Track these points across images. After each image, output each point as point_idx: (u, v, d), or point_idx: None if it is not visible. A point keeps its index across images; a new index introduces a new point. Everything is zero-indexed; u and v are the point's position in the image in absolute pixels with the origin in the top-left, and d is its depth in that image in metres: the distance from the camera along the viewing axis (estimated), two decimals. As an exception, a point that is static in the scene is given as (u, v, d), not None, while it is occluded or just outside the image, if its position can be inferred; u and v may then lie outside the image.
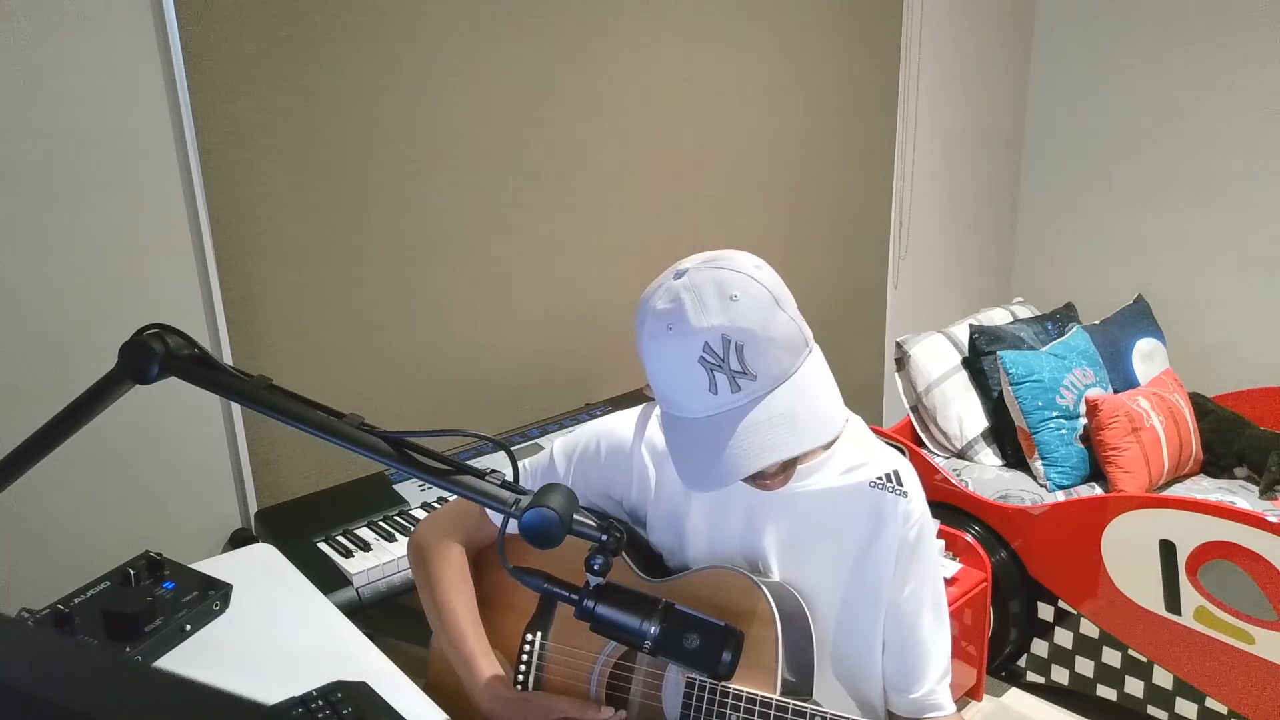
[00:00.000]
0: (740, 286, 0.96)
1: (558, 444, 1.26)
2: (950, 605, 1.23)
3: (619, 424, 1.23)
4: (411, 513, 1.90)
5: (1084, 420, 2.50)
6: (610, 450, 1.22)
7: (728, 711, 1.05)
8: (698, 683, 1.08)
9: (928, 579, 1.16)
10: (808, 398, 0.97)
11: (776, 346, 0.95)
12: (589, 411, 2.32)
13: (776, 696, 1.04)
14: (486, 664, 1.18)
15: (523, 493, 0.91)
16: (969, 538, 2.25)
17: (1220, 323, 3.25)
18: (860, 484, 1.14)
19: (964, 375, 2.69)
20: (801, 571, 1.15)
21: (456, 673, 1.20)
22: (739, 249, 1.02)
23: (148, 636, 1.20)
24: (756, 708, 1.04)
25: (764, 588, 1.08)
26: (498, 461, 2.00)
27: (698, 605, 0.97)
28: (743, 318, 0.94)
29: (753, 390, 0.95)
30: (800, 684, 1.09)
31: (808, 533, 1.14)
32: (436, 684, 1.28)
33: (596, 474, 1.23)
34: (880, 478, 1.14)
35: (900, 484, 1.14)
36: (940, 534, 2.23)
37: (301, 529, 1.84)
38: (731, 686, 1.05)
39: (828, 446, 1.14)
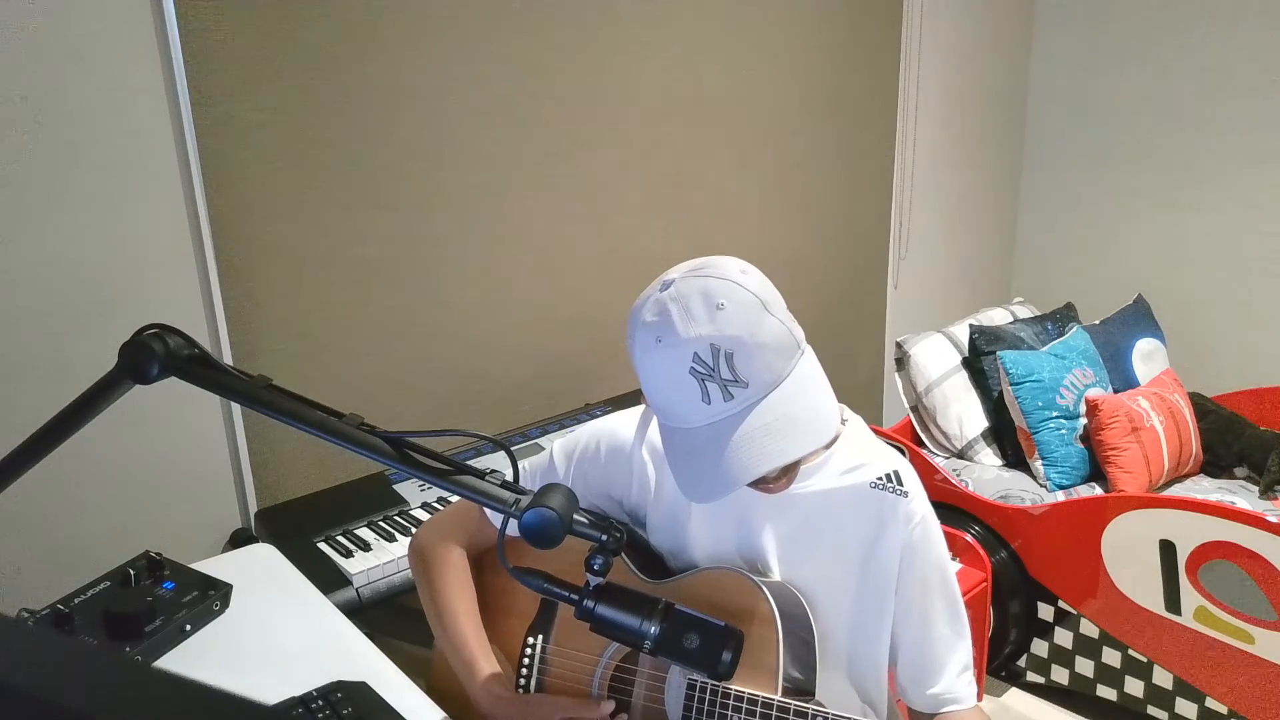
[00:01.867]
0: (726, 294, 0.95)
1: (557, 444, 1.26)
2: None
3: (619, 424, 1.23)
4: (411, 513, 1.90)
5: (1084, 420, 2.50)
6: (610, 451, 1.22)
7: (729, 713, 1.05)
8: (699, 683, 1.08)
9: (935, 577, 1.16)
10: (802, 401, 0.97)
11: (767, 352, 0.95)
12: (589, 411, 2.32)
13: (778, 697, 1.04)
14: (487, 666, 1.18)
15: (523, 493, 0.91)
16: (969, 538, 2.25)
17: (1220, 323, 3.25)
18: (860, 485, 1.14)
19: (964, 375, 2.69)
20: (802, 572, 1.15)
21: (457, 675, 1.20)
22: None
23: (148, 636, 1.20)
24: (758, 708, 1.04)
25: (765, 588, 1.08)
26: (498, 461, 2.00)
27: (698, 605, 0.96)
28: (730, 325, 0.94)
29: (745, 398, 0.95)
30: (802, 684, 1.09)
31: (808, 534, 1.14)
32: (439, 687, 1.27)
33: (597, 474, 1.23)
34: (880, 478, 1.14)
35: (900, 484, 1.14)
36: (940, 534, 2.22)
37: (301, 529, 1.84)
38: (733, 687, 1.05)
39: (828, 446, 1.14)
